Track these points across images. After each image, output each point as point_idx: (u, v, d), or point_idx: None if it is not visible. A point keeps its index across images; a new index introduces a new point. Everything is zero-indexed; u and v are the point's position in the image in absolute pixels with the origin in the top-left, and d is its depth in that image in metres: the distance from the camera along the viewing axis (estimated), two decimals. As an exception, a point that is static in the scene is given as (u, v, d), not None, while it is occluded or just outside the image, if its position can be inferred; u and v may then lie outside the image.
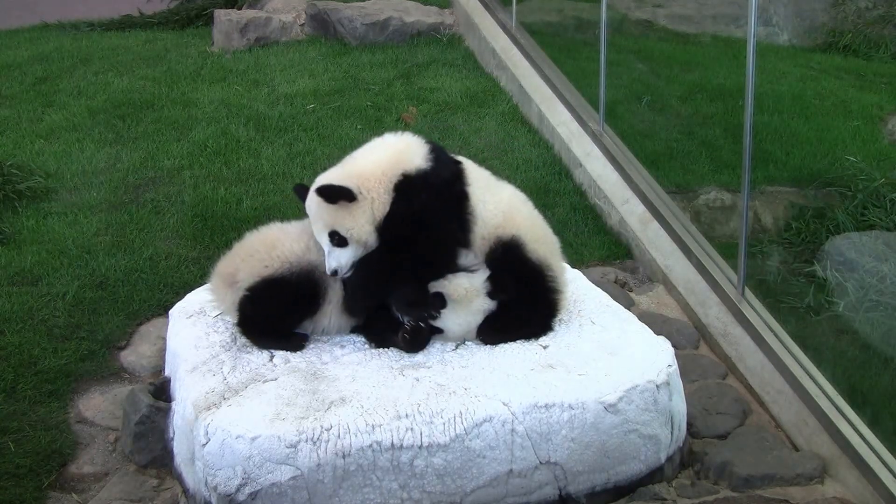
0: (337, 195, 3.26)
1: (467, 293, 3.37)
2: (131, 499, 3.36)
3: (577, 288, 3.83)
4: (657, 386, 3.29)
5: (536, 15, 8.10)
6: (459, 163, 3.46)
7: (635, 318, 3.69)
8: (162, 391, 3.57)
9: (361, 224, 3.27)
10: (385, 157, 3.33)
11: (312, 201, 3.33)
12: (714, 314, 4.34)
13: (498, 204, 3.44)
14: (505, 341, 3.43)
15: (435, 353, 3.40)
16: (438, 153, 3.39)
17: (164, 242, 4.99)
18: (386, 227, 3.29)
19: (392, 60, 7.61)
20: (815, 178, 5.40)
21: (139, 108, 6.71)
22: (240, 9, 8.83)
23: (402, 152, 3.35)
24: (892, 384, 4.03)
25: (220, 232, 5.05)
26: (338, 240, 3.28)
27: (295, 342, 3.45)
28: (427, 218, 3.30)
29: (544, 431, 3.14)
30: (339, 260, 3.30)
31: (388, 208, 3.28)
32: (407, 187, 3.28)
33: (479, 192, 3.41)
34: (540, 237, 3.50)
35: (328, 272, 3.32)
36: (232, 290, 3.45)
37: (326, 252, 3.32)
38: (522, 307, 3.44)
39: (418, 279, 3.37)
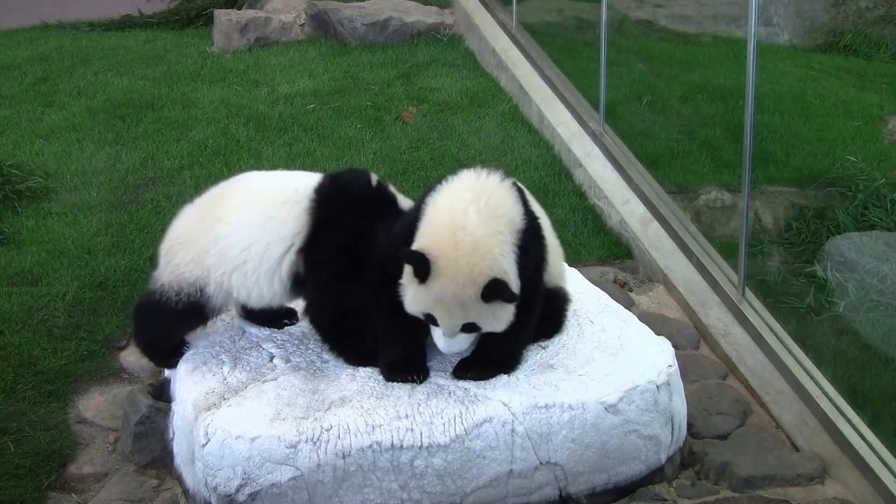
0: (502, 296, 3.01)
1: None
2: (131, 499, 3.36)
3: (577, 288, 3.82)
4: (657, 386, 3.28)
5: (536, 15, 8.09)
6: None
7: (635, 319, 3.69)
8: (162, 391, 3.57)
9: (501, 315, 3.09)
10: (508, 239, 3.09)
11: (466, 294, 2.99)
12: (714, 314, 4.34)
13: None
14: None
15: (435, 353, 3.39)
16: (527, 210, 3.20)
17: (164, 242, 4.99)
18: None
19: (392, 60, 7.61)
20: (815, 178, 5.40)
21: (139, 108, 6.71)
22: (240, 9, 8.82)
23: (514, 223, 3.11)
24: (893, 384, 4.03)
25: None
26: (469, 327, 3.06)
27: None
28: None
29: (544, 432, 3.13)
30: (461, 345, 3.14)
31: None
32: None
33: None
34: (557, 264, 3.49)
35: (445, 352, 3.14)
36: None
37: (446, 335, 3.08)
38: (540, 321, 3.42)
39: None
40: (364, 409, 3.09)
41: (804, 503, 3.30)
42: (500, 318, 3.07)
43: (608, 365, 3.34)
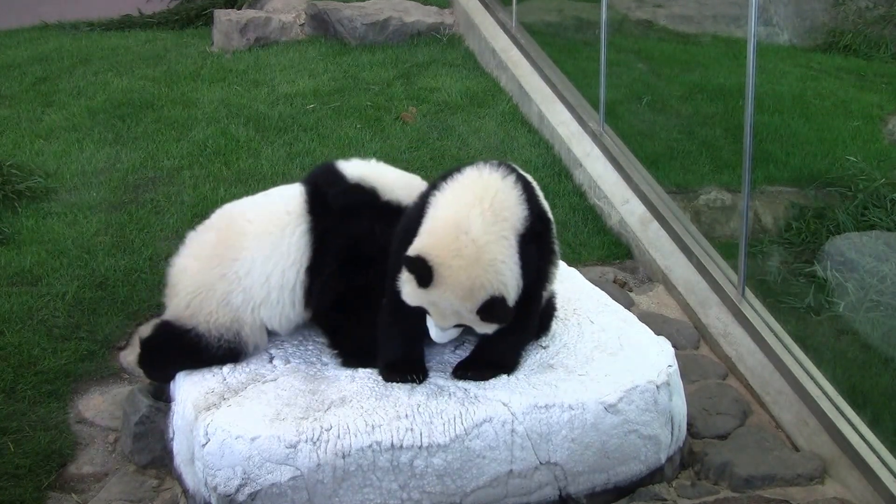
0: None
1: None
2: (131, 499, 3.36)
3: (577, 288, 3.82)
4: (657, 386, 3.28)
5: (536, 15, 8.09)
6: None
7: (635, 319, 3.69)
8: (161, 391, 3.57)
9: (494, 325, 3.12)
10: (513, 244, 3.10)
11: (463, 306, 2.99)
12: (714, 314, 4.34)
13: None
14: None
15: (434, 354, 3.40)
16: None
17: (164, 242, 4.99)
18: None
19: (392, 60, 7.60)
20: (815, 178, 5.40)
21: (139, 108, 6.71)
22: (239, 9, 8.82)
23: (518, 226, 3.10)
24: (893, 384, 4.03)
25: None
26: (461, 325, 3.08)
27: None
28: None
29: (544, 432, 3.13)
30: (452, 336, 3.14)
31: None
32: None
33: None
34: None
35: (436, 340, 3.14)
36: None
37: (439, 328, 3.08)
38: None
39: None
40: (364, 409, 3.09)
41: (804, 503, 3.30)
42: (492, 326, 3.07)
43: (608, 365, 3.34)
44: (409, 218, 3.18)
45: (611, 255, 5.11)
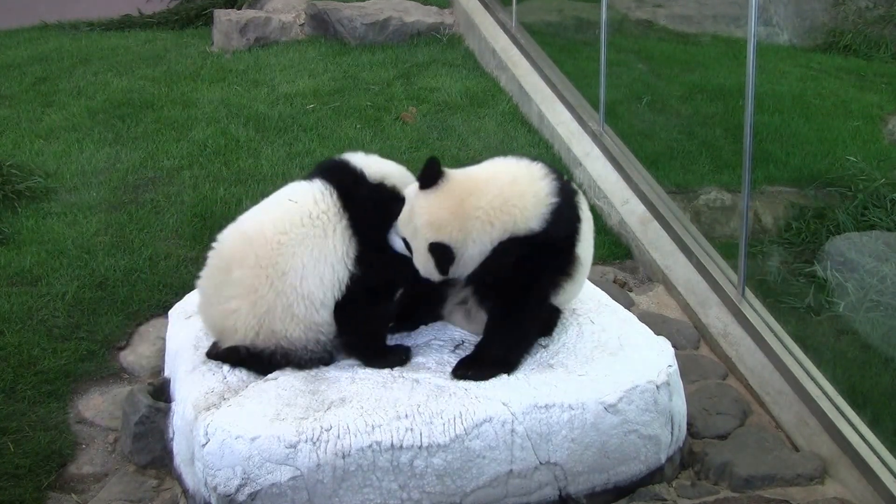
0: None
1: None
2: (131, 499, 3.36)
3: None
4: (657, 386, 3.28)
5: (536, 15, 8.10)
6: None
7: (635, 319, 3.69)
8: (161, 392, 3.57)
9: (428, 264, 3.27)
10: (493, 235, 3.28)
11: (423, 232, 3.19)
12: (714, 314, 4.34)
13: None
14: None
15: (433, 354, 3.40)
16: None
17: (164, 242, 4.99)
18: None
19: (392, 60, 7.61)
20: (815, 178, 5.40)
21: (139, 108, 6.71)
22: (239, 9, 8.83)
23: (515, 227, 3.23)
24: (893, 384, 4.03)
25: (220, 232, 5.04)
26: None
27: None
28: None
29: (544, 432, 3.14)
30: (398, 245, 3.33)
31: None
32: None
33: None
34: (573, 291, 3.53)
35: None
36: None
37: (395, 231, 3.28)
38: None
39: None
40: (364, 410, 3.09)
41: (804, 503, 3.30)
42: (426, 265, 3.18)
43: (608, 365, 3.34)
44: None
45: (611, 255, 5.11)
